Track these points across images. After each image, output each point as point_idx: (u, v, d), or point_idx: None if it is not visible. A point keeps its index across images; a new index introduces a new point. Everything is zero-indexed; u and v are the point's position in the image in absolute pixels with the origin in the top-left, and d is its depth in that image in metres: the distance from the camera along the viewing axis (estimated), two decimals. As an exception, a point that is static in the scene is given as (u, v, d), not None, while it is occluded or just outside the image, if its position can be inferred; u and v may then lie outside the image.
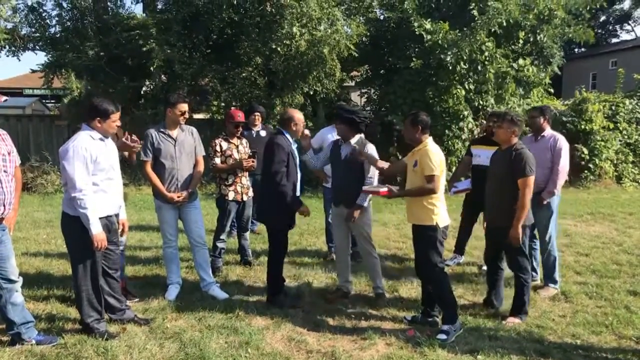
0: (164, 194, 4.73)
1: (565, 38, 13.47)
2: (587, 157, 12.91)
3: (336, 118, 4.76)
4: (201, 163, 4.98)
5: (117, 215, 4.10)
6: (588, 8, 13.24)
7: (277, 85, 12.46)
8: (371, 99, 14.85)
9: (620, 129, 13.51)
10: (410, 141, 4.26)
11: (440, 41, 11.28)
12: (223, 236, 5.66)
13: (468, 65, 11.44)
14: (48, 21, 13.15)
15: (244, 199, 5.68)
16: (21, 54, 13.47)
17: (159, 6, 13.44)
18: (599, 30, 36.42)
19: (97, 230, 3.69)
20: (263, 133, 6.89)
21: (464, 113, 11.64)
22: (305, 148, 5.03)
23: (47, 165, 11.88)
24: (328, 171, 5.32)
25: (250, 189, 5.78)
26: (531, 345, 3.94)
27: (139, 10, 38.93)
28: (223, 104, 12.08)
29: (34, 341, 3.78)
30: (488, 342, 3.98)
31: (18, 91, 22.86)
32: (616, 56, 29.62)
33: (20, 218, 8.09)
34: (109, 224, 3.93)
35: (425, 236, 4.18)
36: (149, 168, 4.76)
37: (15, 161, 3.71)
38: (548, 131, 5.15)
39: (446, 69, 11.29)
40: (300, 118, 4.76)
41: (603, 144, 13.00)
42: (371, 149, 4.70)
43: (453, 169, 10.03)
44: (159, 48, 11.14)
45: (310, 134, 5.17)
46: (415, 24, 11.57)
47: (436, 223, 4.12)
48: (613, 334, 4.20)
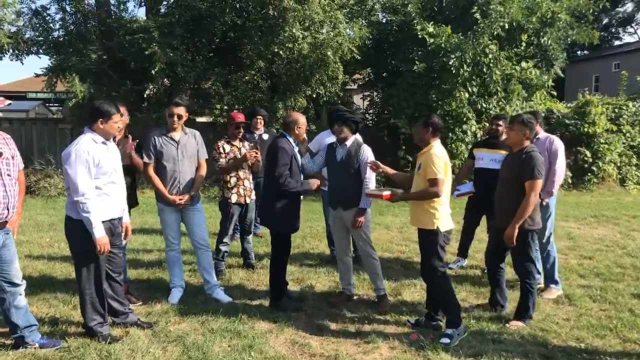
0: (166, 196, 4.73)
1: (569, 40, 13.45)
2: (591, 160, 12.86)
3: (335, 120, 4.70)
4: (203, 166, 4.98)
5: (121, 219, 4.10)
6: (591, 10, 13.23)
7: (280, 88, 12.46)
8: (374, 101, 14.87)
9: (624, 131, 13.45)
10: (420, 142, 4.24)
11: (443, 44, 11.29)
12: (226, 239, 5.65)
13: (472, 68, 11.44)
14: (51, 25, 13.24)
15: (247, 201, 5.67)
16: (25, 58, 13.65)
17: (162, 10, 13.47)
18: (602, 33, 36.30)
19: (100, 234, 3.69)
20: (265, 136, 6.89)
21: (468, 116, 11.64)
22: (302, 152, 5.01)
23: (50, 169, 11.92)
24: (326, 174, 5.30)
25: (253, 192, 5.77)
26: (535, 349, 3.92)
27: (141, 13, 39.05)
28: (226, 108, 12.08)
29: (37, 344, 3.78)
30: (492, 346, 3.96)
31: (21, 95, 22.97)
32: (619, 58, 29.60)
33: (24, 221, 8.12)
34: (112, 228, 3.93)
35: (427, 240, 4.16)
36: (151, 171, 4.76)
37: (19, 165, 3.71)
38: (542, 133, 5.18)
39: (449, 72, 11.29)
40: (304, 122, 4.75)
41: (606, 146, 12.93)
42: (367, 150, 4.69)
43: (456, 172, 10.01)
44: (162, 51, 11.15)
45: (307, 138, 5.15)
46: (418, 27, 11.60)
47: (437, 227, 4.09)
48: (617, 337, 4.18)
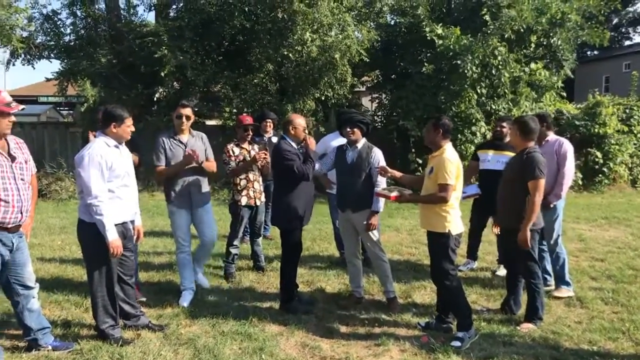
0: (179, 166, 4.75)
1: (579, 40, 13.37)
2: (601, 161, 12.76)
3: (345, 122, 4.71)
4: (213, 161, 5.06)
5: (133, 222, 4.13)
6: (602, 11, 13.14)
7: (289, 91, 12.50)
8: (382, 104, 14.85)
9: (635, 132, 13.35)
10: (430, 144, 4.23)
11: (452, 46, 11.27)
12: (236, 242, 5.67)
13: (480, 70, 11.41)
14: (62, 30, 13.41)
15: (257, 203, 5.68)
16: (36, 62, 13.76)
17: (171, 13, 13.58)
18: (612, 33, 36.03)
19: (113, 236, 3.72)
20: (275, 139, 6.85)
21: (477, 117, 11.60)
22: (312, 158, 4.99)
23: (62, 172, 11.98)
24: (332, 177, 5.30)
25: (263, 194, 5.78)
26: (547, 352, 3.90)
27: (151, 18, 39.20)
28: (235, 111, 12.12)
29: (50, 347, 3.81)
30: (503, 348, 3.95)
31: (33, 99, 23.18)
32: (630, 59, 29.31)
33: (35, 224, 8.17)
34: (125, 231, 3.96)
35: (437, 243, 4.15)
36: (162, 170, 4.81)
37: (31, 169, 3.75)
38: (552, 136, 5.16)
39: (458, 73, 11.27)
40: (300, 122, 4.72)
41: (617, 147, 12.84)
42: (378, 153, 4.71)
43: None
44: (171, 55, 11.23)
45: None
46: (427, 29, 11.58)
47: (448, 230, 4.07)
48: (630, 340, 4.14)
